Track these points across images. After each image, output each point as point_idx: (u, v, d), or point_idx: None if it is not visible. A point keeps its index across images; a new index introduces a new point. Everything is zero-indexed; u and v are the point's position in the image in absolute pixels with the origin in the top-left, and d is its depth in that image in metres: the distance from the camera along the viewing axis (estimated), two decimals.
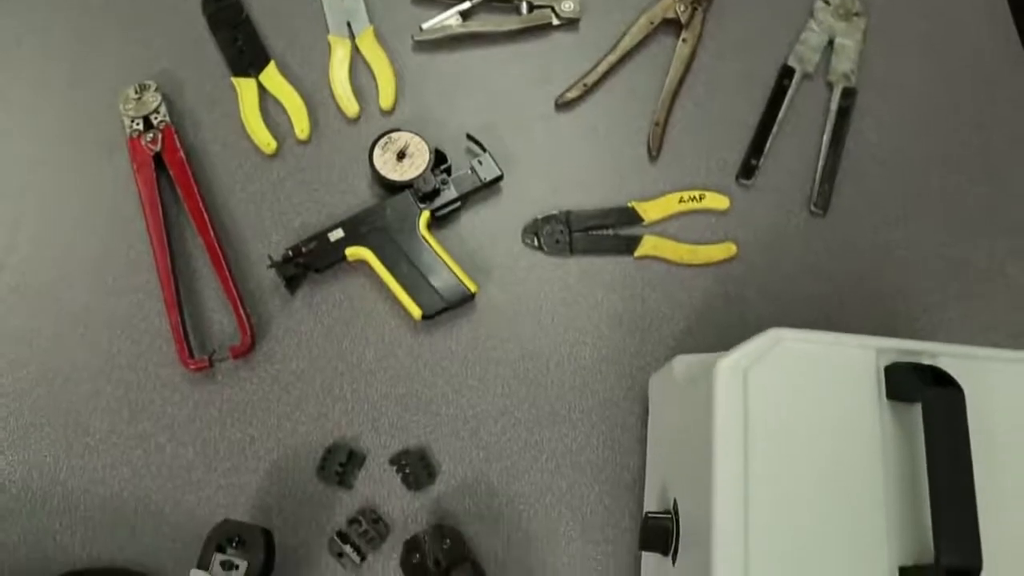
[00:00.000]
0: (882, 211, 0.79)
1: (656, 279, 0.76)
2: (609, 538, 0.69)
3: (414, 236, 0.73)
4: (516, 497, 0.69)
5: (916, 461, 0.52)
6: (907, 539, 0.51)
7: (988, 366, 0.55)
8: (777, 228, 0.78)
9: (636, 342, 0.74)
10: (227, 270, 0.72)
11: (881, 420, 0.54)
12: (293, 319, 0.73)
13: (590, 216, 0.77)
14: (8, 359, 0.71)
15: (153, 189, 0.75)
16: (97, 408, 0.70)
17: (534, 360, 0.73)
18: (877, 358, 0.55)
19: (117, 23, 0.82)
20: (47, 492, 0.68)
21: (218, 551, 0.62)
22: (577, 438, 0.71)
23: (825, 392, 0.54)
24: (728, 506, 0.51)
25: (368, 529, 0.67)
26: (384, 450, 0.70)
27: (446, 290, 0.72)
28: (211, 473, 0.69)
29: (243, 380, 0.72)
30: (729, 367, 0.54)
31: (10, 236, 0.75)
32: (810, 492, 0.52)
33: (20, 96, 0.79)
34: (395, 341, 0.73)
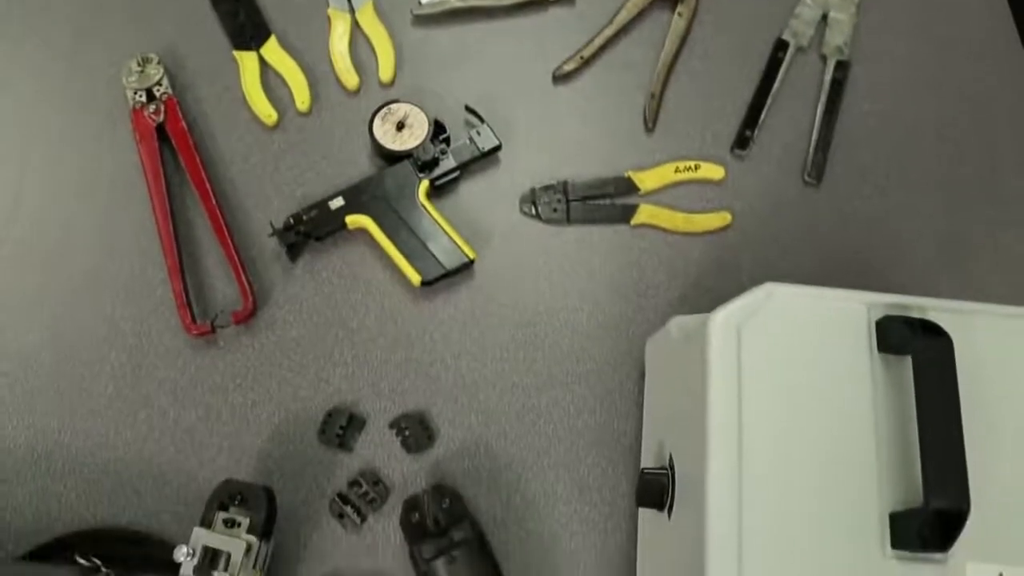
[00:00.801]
0: (875, 181, 0.81)
1: (652, 247, 0.77)
2: (607, 500, 0.70)
3: (413, 204, 0.74)
4: (514, 460, 0.70)
5: (906, 412, 0.53)
6: (898, 487, 0.52)
7: (976, 320, 0.56)
8: (771, 197, 0.79)
9: (632, 309, 0.75)
10: (229, 237, 0.73)
11: (872, 372, 0.55)
12: (294, 286, 0.74)
13: (587, 186, 0.78)
14: (13, 326, 0.72)
15: (156, 159, 0.76)
16: (101, 373, 0.71)
17: (532, 326, 0.74)
18: (868, 312, 0.56)
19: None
20: (51, 455, 0.69)
21: (220, 510, 0.63)
22: (574, 402, 0.72)
23: (817, 345, 0.55)
24: (722, 457, 0.52)
25: (368, 491, 0.68)
26: (384, 414, 0.71)
27: (445, 257, 0.73)
28: (213, 436, 0.70)
29: (245, 346, 0.73)
30: (723, 321, 0.55)
31: (14, 205, 0.76)
32: (803, 442, 0.53)
33: (24, 68, 0.80)
34: (395, 307, 0.74)
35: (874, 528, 0.51)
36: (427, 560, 0.63)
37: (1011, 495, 0.52)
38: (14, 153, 0.77)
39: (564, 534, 0.69)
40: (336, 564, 0.67)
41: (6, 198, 0.76)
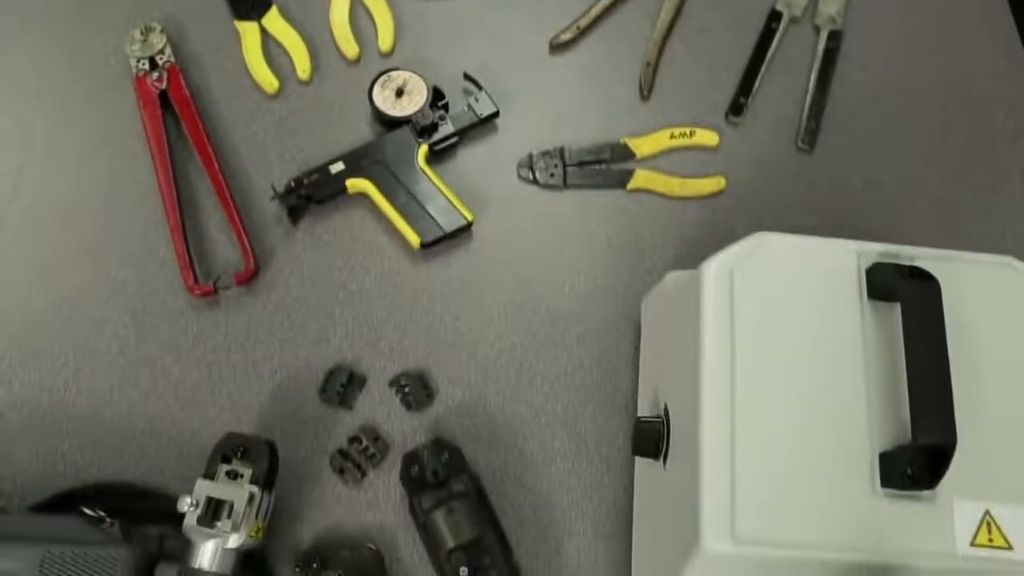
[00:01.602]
0: (867, 148, 0.82)
1: (648, 211, 0.78)
2: (603, 456, 0.71)
3: (412, 168, 0.76)
4: (512, 417, 0.72)
5: (895, 356, 0.54)
6: (887, 428, 0.53)
7: (962, 268, 0.58)
8: (765, 164, 0.81)
9: (628, 271, 0.76)
10: (231, 200, 0.75)
11: (862, 318, 0.56)
12: (295, 249, 0.76)
13: (584, 151, 0.79)
14: (19, 288, 0.74)
15: (159, 125, 0.77)
16: (105, 333, 0.72)
17: (529, 287, 0.75)
18: (858, 260, 0.57)
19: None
20: (57, 413, 0.70)
21: (223, 462, 0.64)
22: (571, 360, 0.73)
23: (808, 292, 0.57)
24: (715, 401, 0.53)
25: (368, 446, 0.69)
26: (384, 373, 0.72)
27: (444, 219, 0.74)
28: (216, 395, 0.71)
29: (246, 307, 0.74)
30: (716, 268, 0.57)
31: (20, 171, 0.77)
32: (794, 386, 0.54)
33: (29, 37, 0.81)
34: (394, 269, 0.75)
35: (864, 468, 0.52)
36: (426, 511, 0.64)
37: (996, 434, 0.53)
38: (20, 120, 0.79)
39: (561, 489, 0.70)
40: (337, 518, 0.68)
41: (12, 164, 0.77)
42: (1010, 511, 0.52)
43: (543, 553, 0.68)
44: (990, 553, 0.51)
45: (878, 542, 0.50)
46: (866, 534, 0.51)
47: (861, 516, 0.51)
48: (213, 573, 0.60)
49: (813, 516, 0.51)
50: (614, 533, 0.68)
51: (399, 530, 0.68)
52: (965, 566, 0.50)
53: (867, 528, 0.51)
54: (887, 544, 0.50)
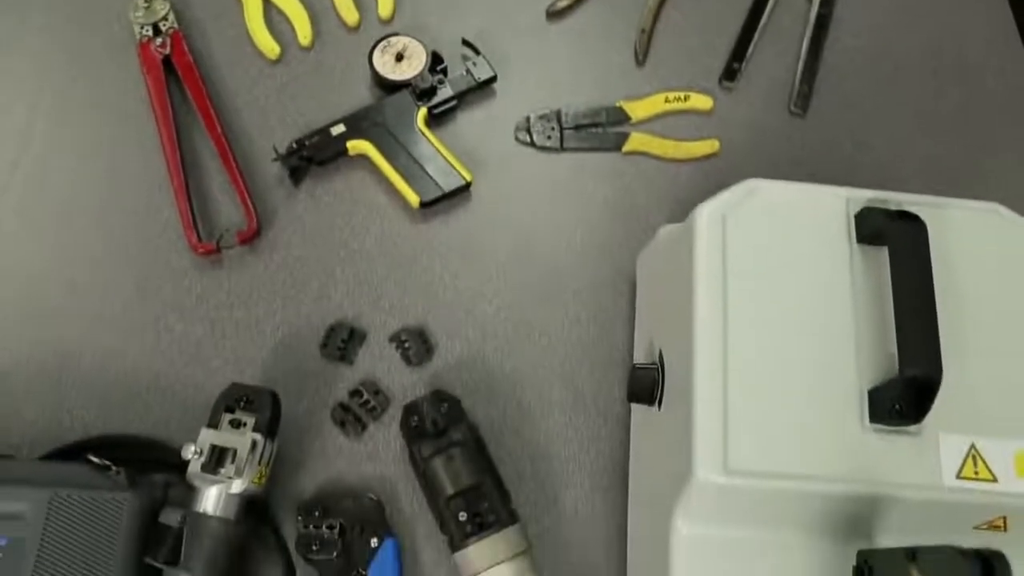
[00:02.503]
0: (859, 112, 0.83)
1: (643, 173, 0.80)
2: (600, 409, 0.72)
3: (412, 130, 0.77)
4: (511, 372, 0.73)
5: (884, 298, 0.55)
6: (875, 366, 0.54)
7: (948, 213, 0.59)
8: (758, 127, 0.82)
9: (624, 230, 0.77)
10: (233, 161, 0.76)
11: (851, 262, 0.57)
12: (297, 209, 0.77)
13: (580, 115, 0.81)
14: (25, 251, 0.75)
15: (163, 90, 0.78)
16: (109, 293, 0.74)
17: (527, 246, 0.77)
18: (847, 205, 0.59)
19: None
20: (63, 369, 0.71)
21: (227, 411, 0.65)
22: (568, 317, 0.75)
23: (799, 236, 0.58)
24: (709, 341, 0.55)
25: (369, 399, 0.70)
26: (384, 329, 0.73)
27: (442, 179, 0.76)
28: (219, 350, 0.72)
29: (249, 265, 0.75)
30: (708, 212, 0.58)
31: (25, 135, 0.78)
32: (784, 326, 0.55)
33: (35, 4, 0.83)
34: (394, 229, 0.77)
35: (853, 404, 0.54)
36: (425, 459, 0.65)
37: (980, 372, 0.55)
38: (26, 86, 0.80)
39: (559, 441, 0.71)
40: (338, 470, 0.69)
41: (18, 129, 0.78)
42: (994, 445, 0.53)
43: (541, 503, 0.69)
44: (975, 485, 0.52)
45: (866, 474, 0.52)
46: (855, 467, 0.52)
47: (850, 450, 0.52)
48: (217, 517, 0.61)
49: (803, 449, 0.52)
50: (610, 484, 0.70)
51: (399, 481, 0.69)
52: (951, 497, 0.52)
53: (856, 461, 0.52)
54: (875, 476, 0.52)
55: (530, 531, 0.66)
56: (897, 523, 0.52)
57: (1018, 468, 0.53)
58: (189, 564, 0.60)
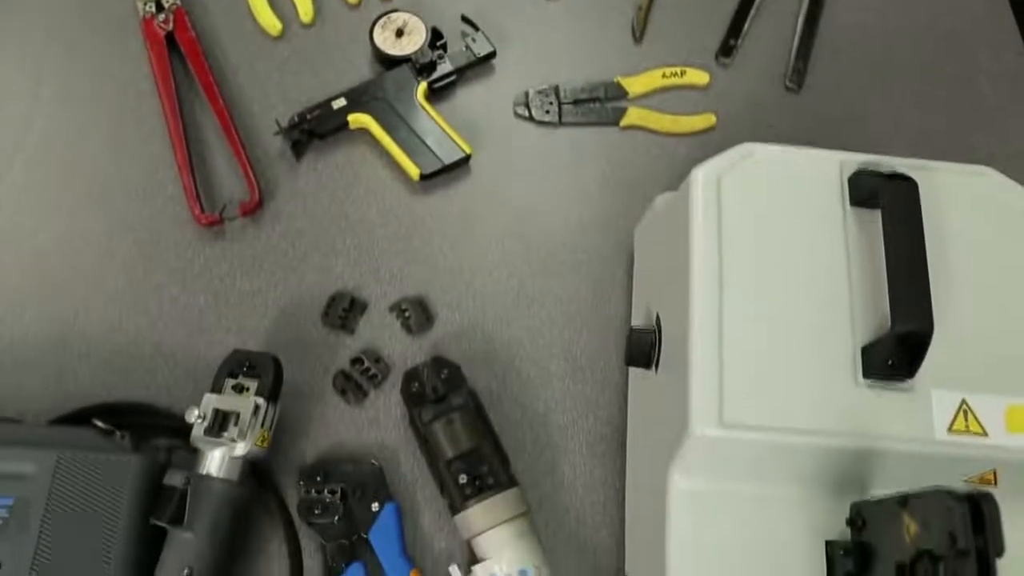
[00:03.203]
0: (853, 87, 0.84)
1: (640, 147, 0.81)
2: (599, 378, 0.73)
3: (412, 104, 0.78)
4: (510, 341, 0.74)
5: (877, 258, 0.56)
6: (868, 324, 0.55)
7: (941, 176, 0.60)
8: (754, 102, 0.83)
9: (621, 203, 0.78)
10: (236, 134, 0.77)
11: (845, 224, 0.58)
12: (298, 182, 0.78)
13: (578, 90, 0.82)
14: (30, 224, 0.76)
15: (166, 65, 0.79)
16: (113, 264, 0.75)
17: (525, 219, 0.78)
18: (841, 169, 0.60)
19: None
20: (68, 338, 0.72)
21: (230, 377, 0.66)
22: (567, 288, 0.76)
23: (794, 198, 0.59)
24: (705, 299, 0.56)
25: (370, 367, 0.71)
26: (384, 299, 0.74)
27: (442, 151, 0.77)
28: (222, 319, 0.73)
29: (251, 237, 0.76)
30: (704, 174, 0.59)
31: (30, 110, 0.79)
32: (780, 287, 0.56)
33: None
34: (395, 202, 0.78)
35: (847, 361, 0.55)
36: (426, 423, 0.66)
37: (971, 329, 0.56)
38: (29, 61, 0.81)
39: (557, 409, 0.72)
40: (339, 436, 0.70)
41: (22, 105, 0.79)
42: (985, 400, 0.54)
43: (539, 470, 0.70)
44: (966, 439, 0.53)
45: (860, 428, 0.53)
46: (848, 421, 0.53)
47: (844, 405, 0.53)
48: (221, 479, 0.62)
49: (798, 404, 0.53)
50: (608, 451, 0.71)
51: (399, 447, 0.70)
52: (942, 450, 0.52)
53: (849, 416, 0.53)
54: (868, 430, 0.52)
55: (529, 496, 0.67)
56: (889, 477, 0.53)
57: (1008, 423, 0.54)
58: (193, 524, 0.61)
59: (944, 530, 0.43)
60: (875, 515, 0.50)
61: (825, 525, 0.54)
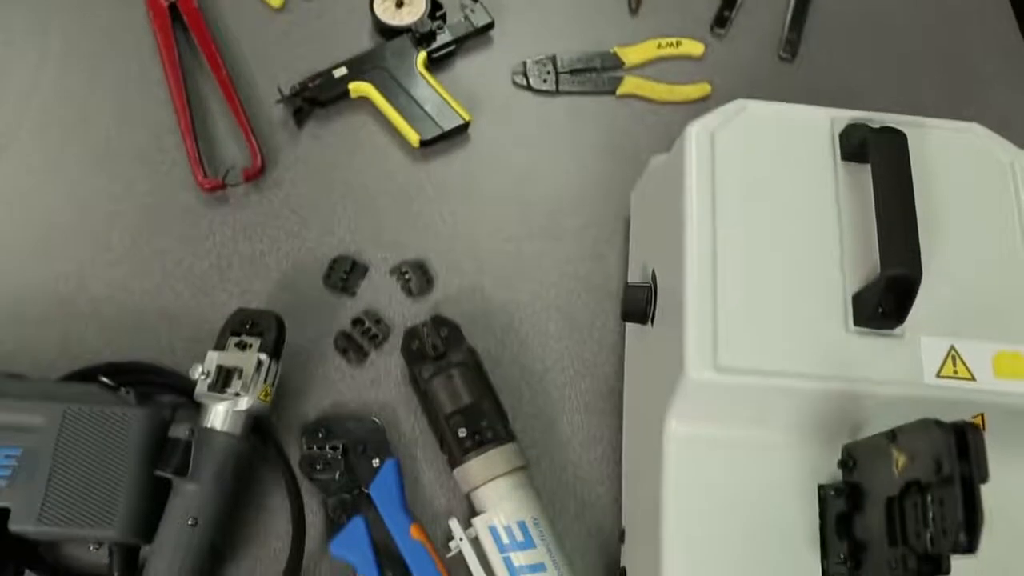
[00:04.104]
0: (846, 58, 0.86)
1: (636, 115, 0.82)
2: (596, 338, 0.74)
3: (412, 73, 0.79)
4: (509, 303, 0.75)
5: (867, 210, 0.57)
6: (859, 274, 0.57)
7: (929, 131, 0.61)
8: (748, 73, 0.84)
9: (618, 170, 0.80)
10: (238, 101, 0.78)
11: (836, 177, 0.59)
12: (300, 150, 0.79)
13: (575, 60, 0.83)
14: (36, 190, 0.77)
15: (169, 34, 0.81)
16: (118, 228, 0.76)
17: (524, 185, 0.79)
18: (832, 125, 0.61)
19: None
20: (73, 301, 0.73)
21: (233, 335, 0.67)
22: (565, 251, 0.77)
23: (785, 153, 0.60)
24: (699, 247, 0.57)
25: (371, 328, 0.73)
26: (385, 263, 0.76)
27: (441, 118, 0.78)
28: (225, 282, 0.74)
29: (254, 203, 0.77)
30: (698, 129, 0.60)
31: (35, 79, 0.80)
32: (772, 238, 0.58)
33: None
34: (395, 168, 0.79)
35: (838, 309, 0.56)
36: (426, 379, 0.67)
37: (959, 278, 0.57)
38: (35, 32, 0.82)
39: (555, 369, 0.73)
40: (341, 396, 0.71)
41: (28, 73, 0.81)
42: (973, 346, 0.55)
43: (538, 428, 0.71)
44: (954, 383, 0.54)
45: (850, 373, 0.54)
46: (839, 366, 0.54)
47: (835, 351, 0.55)
48: (225, 432, 0.64)
49: (790, 350, 0.54)
50: (605, 409, 0.72)
51: (400, 406, 0.71)
52: (931, 394, 0.54)
53: (840, 361, 0.54)
54: (859, 374, 0.54)
55: (528, 454, 0.68)
56: (879, 422, 0.54)
57: (996, 368, 0.55)
58: (197, 475, 0.62)
59: (931, 458, 0.44)
60: (865, 454, 0.52)
61: (818, 470, 0.55)
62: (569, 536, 0.68)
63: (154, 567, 0.61)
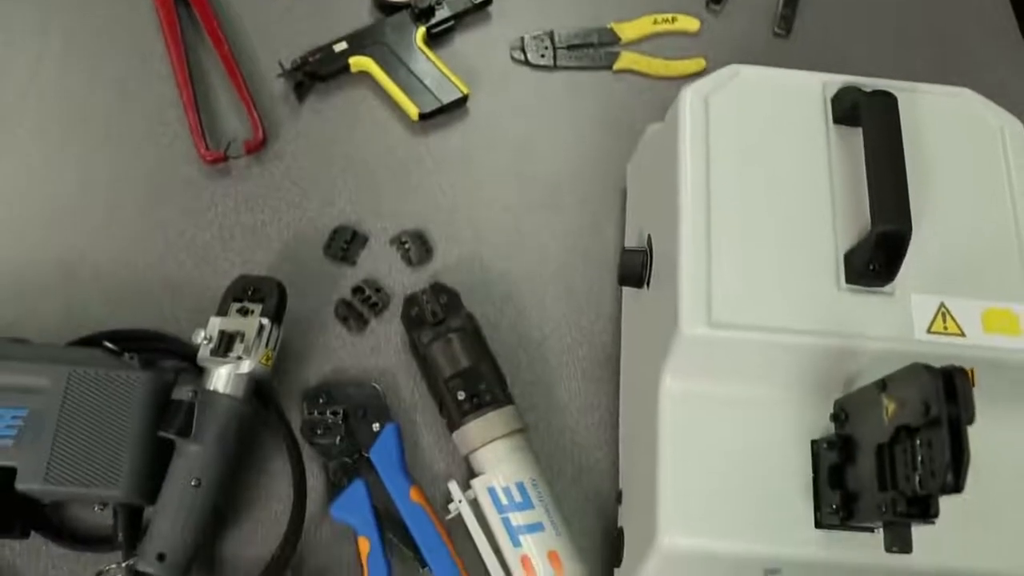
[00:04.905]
0: (841, 34, 0.87)
1: (633, 90, 0.83)
2: (593, 306, 0.75)
3: (411, 47, 0.81)
4: (507, 273, 0.76)
5: (858, 173, 0.58)
6: (850, 234, 0.58)
7: (920, 96, 0.62)
8: (743, 48, 0.85)
9: (614, 143, 0.81)
10: (240, 75, 0.79)
11: (828, 140, 0.61)
12: (301, 123, 0.80)
13: (572, 35, 0.84)
14: (40, 163, 0.78)
15: (172, 10, 0.82)
16: (121, 199, 0.77)
17: (522, 157, 0.80)
18: (824, 90, 0.62)
19: None
20: (77, 269, 0.74)
21: (235, 301, 0.68)
22: (562, 222, 0.78)
23: (778, 116, 0.61)
24: (693, 209, 0.58)
25: (371, 295, 0.73)
26: (385, 233, 0.77)
27: (440, 91, 0.79)
28: (227, 252, 0.75)
29: (255, 175, 0.78)
30: (692, 93, 0.61)
31: (40, 54, 0.81)
32: (765, 198, 0.59)
33: None
34: (395, 141, 0.80)
35: (830, 269, 0.57)
36: (426, 344, 0.68)
37: (948, 237, 0.58)
38: (39, 8, 0.83)
39: (553, 336, 0.74)
40: (341, 362, 0.72)
41: (32, 48, 0.82)
42: (963, 303, 0.56)
43: (536, 394, 0.72)
44: (945, 339, 0.55)
45: (842, 328, 0.55)
46: (831, 322, 0.55)
47: (827, 308, 0.56)
48: (227, 395, 0.64)
49: (783, 306, 0.55)
50: (603, 375, 0.73)
51: (399, 373, 0.72)
52: (921, 349, 0.55)
53: (832, 317, 0.55)
54: (851, 330, 0.55)
55: (526, 419, 0.69)
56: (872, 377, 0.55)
57: (985, 324, 0.56)
58: (200, 436, 0.63)
59: (920, 402, 0.45)
60: (857, 406, 0.53)
61: (812, 426, 0.56)
62: (567, 500, 0.68)
63: (158, 526, 0.62)
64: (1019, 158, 0.61)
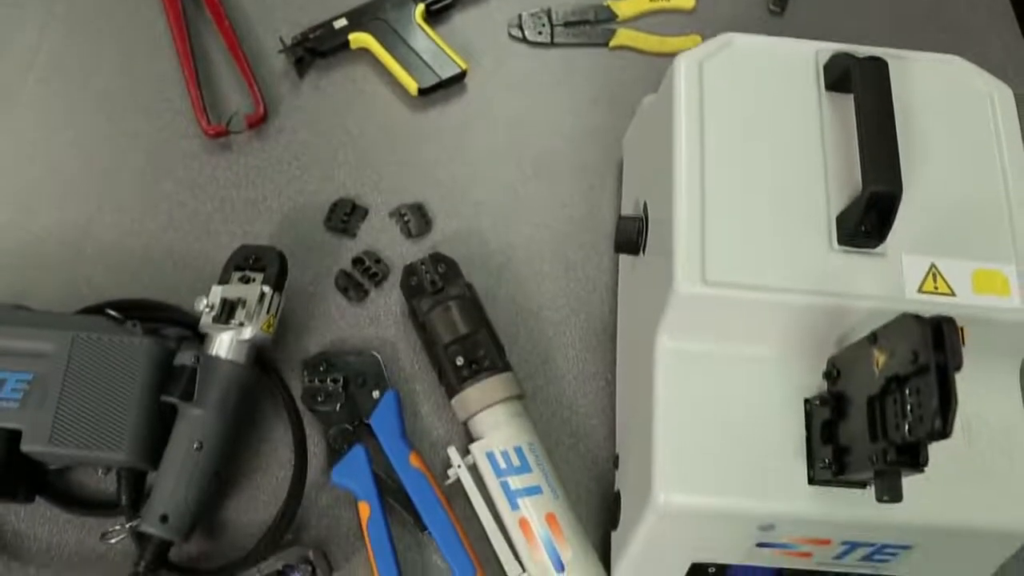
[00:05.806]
0: (836, 10, 0.88)
1: (628, 66, 0.84)
2: (590, 278, 0.76)
3: (410, 24, 0.82)
4: (505, 245, 0.77)
5: (850, 138, 0.59)
6: (842, 197, 0.58)
7: (912, 63, 0.63)
8: (738, 26, 0.83)
9: (611, 118, 0.82)
10: (241, 51, 0.80)
11: (820, 106, 0.61)
12: (301, 99, 0.81)
13: (569, 12, 0.85)
14: (43, 138, 0.79)
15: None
16: (124, 173, 0.78)
17: (519, 132, 0.81)
18: (816, 57, 0.63)
19: None
20: (80, 243, 0.75)
21: (236, 270, 0.69)
22: (559, 196, 0.79)
23: (772, 83, 0.62)
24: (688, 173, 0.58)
25: (371, 266, 0.74)
26: (385, 206, 0.78)
27: (439, 67, 0.80)
28: (229, 225, 0.76)
29: (256, 150, 0.79)
30: (686, 61, 0.62)
31: (42, 30, 0.82)
32: (759, 162, 0.59)
33: None
34: (394, 116, 0.81)
35: (823, 230, 0.58)
36: (425, 312, 0.69)
37: (938, 199, 0.59)
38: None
39: (550, 307, 0.75)
40: (341, 332, 0.73)
41: (35, 24, 0.83)
42: (953, 264, 0.57)
43: (533, 363, 0.73)
44: (935, 298, 0.56)
45: (834, 288, 0.56)
46: (823, 281, 0.56)
47: (819, 268, 0.56)
48: (229, 360, 0.65)
49: (776, 266, 0.56)
50: (599, 345, 0.74)
51: (399, 342, 0.73)
52: (913, 308, 0.55)
53: (824, 277, 0.56)
54: (842, 289, 0.56)
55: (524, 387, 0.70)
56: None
57: (975, 285, 0.57)
58: (202, 401, 0.63)
59: (909, 351, 0.46)
60: (848, 362, 0.54)
61: (805, 385, 0.57)
62: (565, 467, 0.69)
63: (160, 489, 0.63)
64: (1008, 123, 0.61)
